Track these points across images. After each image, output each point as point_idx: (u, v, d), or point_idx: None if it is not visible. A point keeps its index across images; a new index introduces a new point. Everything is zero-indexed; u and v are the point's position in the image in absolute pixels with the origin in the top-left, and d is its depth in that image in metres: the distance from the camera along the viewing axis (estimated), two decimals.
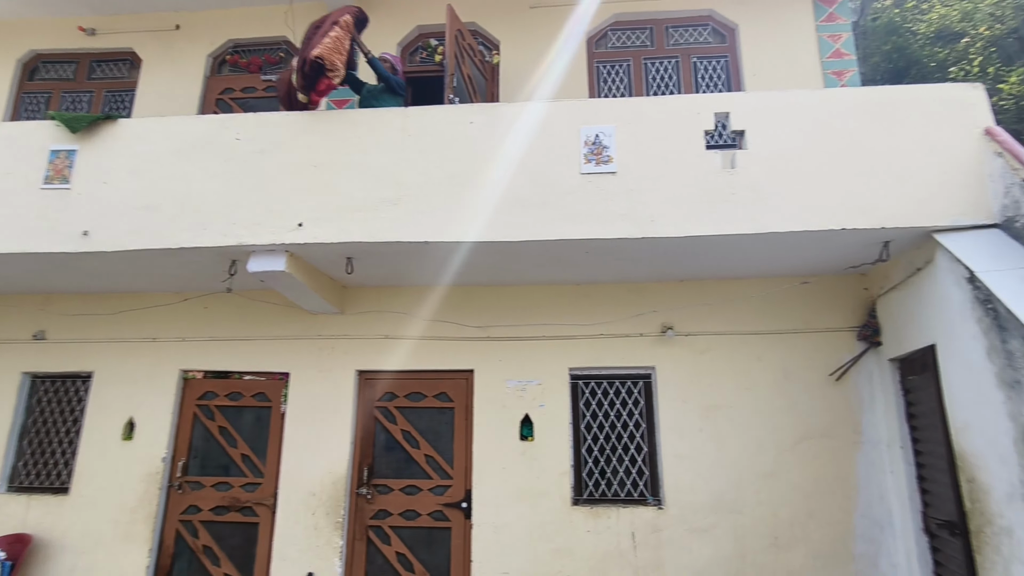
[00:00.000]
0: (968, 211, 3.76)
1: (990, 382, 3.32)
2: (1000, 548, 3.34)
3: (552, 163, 4.12)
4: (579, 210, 4.04)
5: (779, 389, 4.87)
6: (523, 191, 4.07)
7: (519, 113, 4.25)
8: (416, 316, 5.22)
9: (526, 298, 5.22)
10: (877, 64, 11.98)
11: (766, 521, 4.67)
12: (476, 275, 4.91)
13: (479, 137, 4.21)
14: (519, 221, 4.02)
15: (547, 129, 4.19)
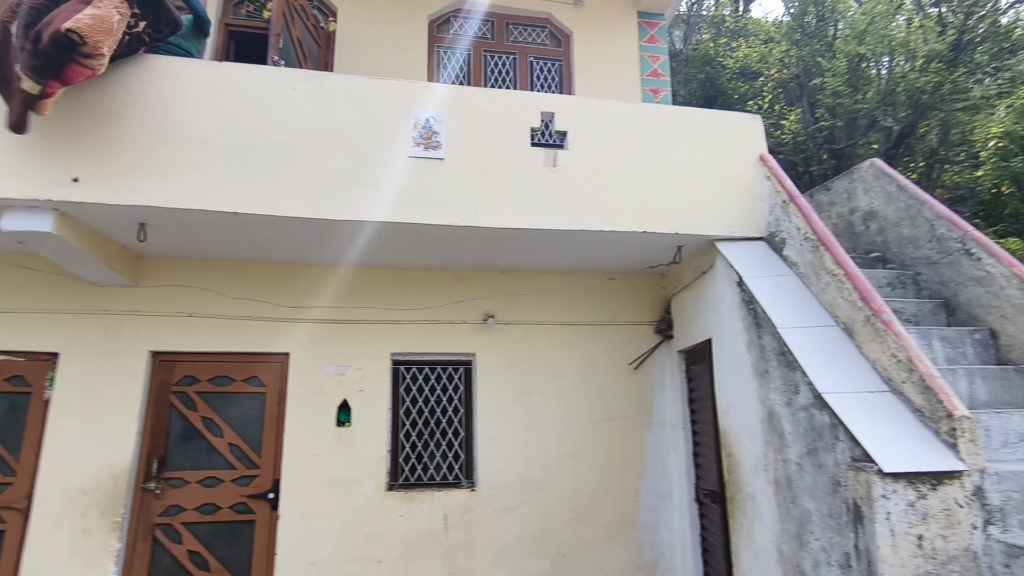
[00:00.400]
0: (742, 224, 4.37)
1: (748, 371, 3.91)
2: (746, 511, 3.95)
3: (380, 143, 4.00)
4: (405, 194, 3.97)
5: (586, 376, 5.28)
6: (347, 168, 3.90)
7: (349, 86, 4.06)
8: (225, 294, 4.78)
9: (349, 280, 5.04)
10: (694, 90, 13.48)
11: (568, 497, 5.04)
12: (294, 253, 4.63)
13: (302, 105, 3.95)
14: (341, 199, 3.85)
15: (377, 107, 4.06)
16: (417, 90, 4.20)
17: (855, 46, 9.51)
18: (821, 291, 3.69)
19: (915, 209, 4.46)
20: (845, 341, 3.41)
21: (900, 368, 3.00)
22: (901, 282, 4.37)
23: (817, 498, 3.12)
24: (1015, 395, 3.43)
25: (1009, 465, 2.81)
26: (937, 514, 2.57)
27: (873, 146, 11.13)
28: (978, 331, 3.80)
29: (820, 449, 3.11)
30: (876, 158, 5.01)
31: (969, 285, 3.99)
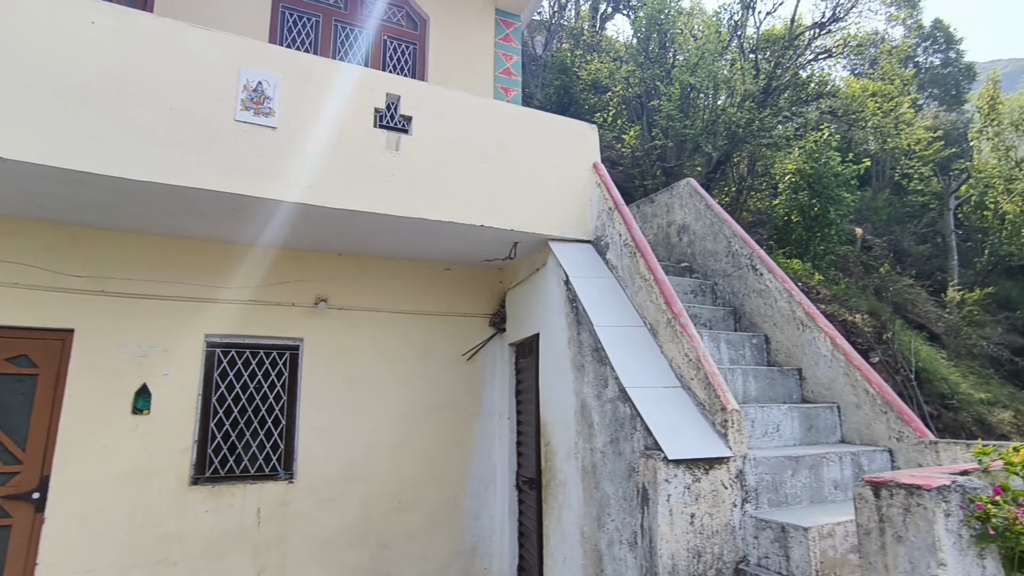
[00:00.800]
0: (574, 226, 4.63)
1: (567, 365, 4.15)
2: (558, 496, 4.21)
3: (200, 101, 3.60)
4: (228, 161, 3.62)
5: (419, 365, 5.26)
6: (157, 125, 3.45)
7: (166, 32, 3.59)
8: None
9: (156, 250, 4.49)
10: (550, 95, 14.05)
11: (392, 487, 4.99)
12: (88, 214, 4.01)
13: (105, 45, 3.41)
14: (146, 158, 3.39)
15: (201, 60, 3.64)
16: (250, 48, 3.84)
17: (688, 76, 10.56)
18: (635, 294, 4.03)
19: (717, 227, 5.07)
20: (650, 340, 3.77)
21: (690, 366, 3.38)
22: (702, 290, 4.94)
23: (615, 483, 3.40)
24: (777, 391, 4.04)
25: (765, 451, 3.31)
26: (707, 495, 2.94)
27: (697, 168, 12.47)
28: (755, 336, 4.42)
29: (621, 438, 3.40)
30: (692, 178, 5.60)
31: (752, 296, 4.63)
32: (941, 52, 30.31)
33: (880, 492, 1.82)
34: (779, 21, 14.73)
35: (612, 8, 16.01)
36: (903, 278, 16.33)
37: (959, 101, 28.34)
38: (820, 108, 13.38)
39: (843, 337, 3.88)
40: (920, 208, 19.53)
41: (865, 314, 12.31)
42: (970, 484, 1.72)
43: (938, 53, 30.31)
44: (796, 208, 12.17)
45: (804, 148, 12.03)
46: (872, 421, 3.60)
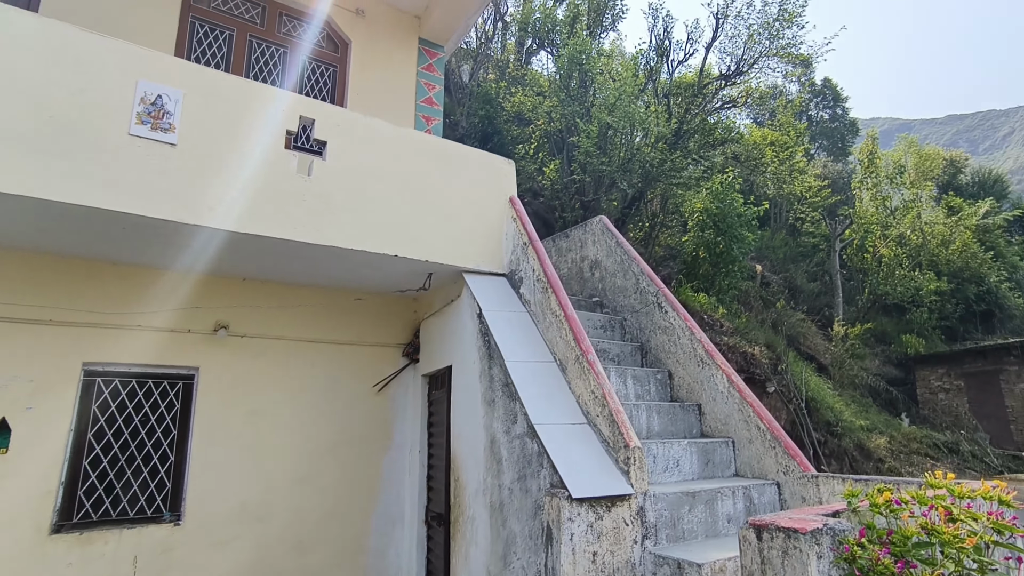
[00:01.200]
0: (488, 260, 4.65)
1: (478, 399, 4.12)
2: (466, 534, 4.12)
3: (89, 111, 3.33)
4: (117, 177, 3.35)
5: (326, 397, 5.05)
6: (37, 132, 3.15)
7: (50, 35, 3.32)
8: None
9: (33, 268, 4.07)
10: (475, 123, 14.22)
11: (293, 526, 4.71)
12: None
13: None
14: (21, 167, 3.09)
15: (92, 68, 3.38)
16: (149, 59, 3.61)
17: (606, 116, 11.03)
18: (546, 329, 4.09)
19: (627, 264, 5.27)
20: (559, 377, 3.82)
21: (596, 403, 3.45)
22: (612, 325, 5.09)
23: (522, 521, 3.38)
24: (679, 426, 4.20)
25: (665, 487, 3.41)
26: (609, 532, 2.98)
27: (614, 202, 12.98)
28: (660, 372, 4.60)
29: (528, 475, 3.39)
30: (603, 215, 5.81)
31: (658, 333, 4.83)
32: (830, 108, 33.56)
33: (762, 535, 1.91)
34: (690, 70, 15.78)
35: (537, 45, 16.53)
36: (797, 313, 17.66)
37: (844, 153, 31.41)
38: (725, 153, 14.37)
39: (743, 370, 4.12)
40: (811, 249, 21.28)
41: (763, 346, 13.15)
42: (839, 527, 1.85)
43: (827, 108, 33.54)
44: (703, 245, 12.90)
45: (711, 189, 12.83)
46: (763, 456, 3.82)
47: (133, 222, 3.52)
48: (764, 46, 13.05)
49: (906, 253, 19.88)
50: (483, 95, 14.38)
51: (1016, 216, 24.66)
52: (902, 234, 20.44)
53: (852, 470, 12.07)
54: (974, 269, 19.95)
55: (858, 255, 20.49)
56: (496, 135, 13.50)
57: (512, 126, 13.72)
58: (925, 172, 22.65)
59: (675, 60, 14.33)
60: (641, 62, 14.29)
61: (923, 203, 22.07)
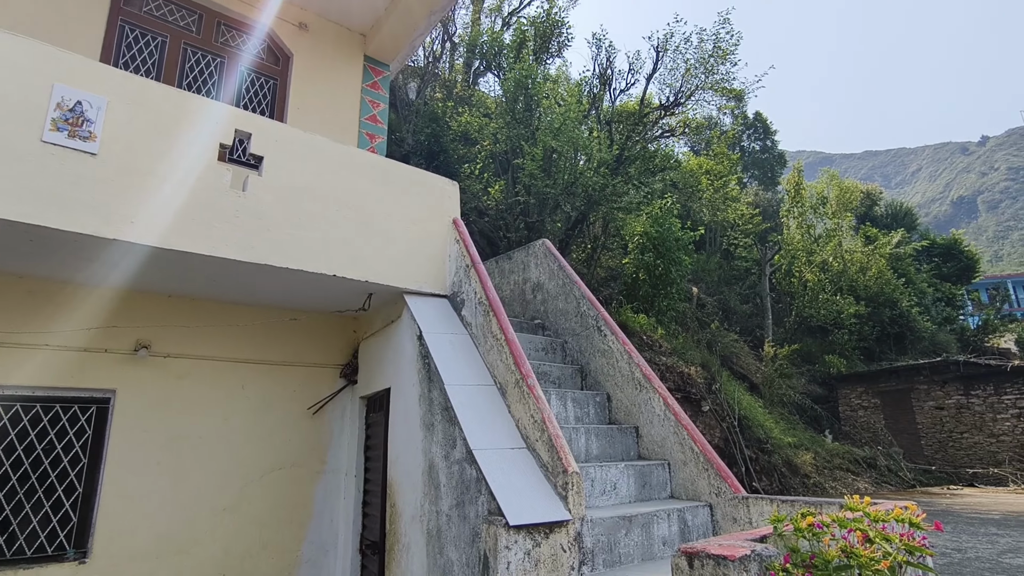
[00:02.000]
0: (430, 281, 4.60)
1: (417, 423, 4.04)
2: (400, 562, 4.00)
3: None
4: (27, 186, 3.12)
5: (258, 420, 4.82)
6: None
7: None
8: None
9: None
10: (421, 141, 14.18)
11: (216, 558, 4.44)
12: None
13: None
14: None
15: (1, 68, 3.16)
16: (68, 62, 3.41)
17: (551, 139, 11.25)
18: (487, 352, 4.07)
19: (568, 287, 5.34)
20: (499, 400, 3.79)
21: (536, 428, 3.45)
22: (553, 348, 5.13)
23: (460, 548, 3.31)
24: (616, 449, 4.26)
25: (603, 511, 3.43)
26: (546, 560, 2.96)
27: (558, 224, 13.20)
28: (599, 394, 4.66)
29: (466, 501, 3.33)
30: (546, 238, 5.89)
31: (597, 356, 4.90)
32: (760, 140, 35.50)
33: (693, 562, 1.94)
34: (632, 99, 16.35)
35: (484, 67, 16.72)
36: (730, 333, 18.38)
37: (774, 183, 33.22)
38: (664, 180, 14.91)
39: (680, 389, 4.23)
40: (744, 272, 22.29)
41: (699, 366, 13.58)
42: (766, 552, 1.90)
43: (758, 140, 35.46)
44: (643, 267, 13.28)
45: (650, 214, 13.26)
46: (696, 478, 3.91)
47: (43, 234, 3.28)
48: (700, 79, 13.71)
49: (828, 278, 21.12)
50: (430, 114, 14.38)
51: (924, 246, 26.72)
52: (825, 260, 21.73)
53: (781, 485, 12.56)
54: (888, 294, 21.40)
55: (786, 279, 21.62)
56: (442, 153, 13.49)
57: (458, 145, 13.76)
58: (845, 203, 24.24)
59: (617, 89, 14.82)
60: (585, 89, 14.69)
61: (843, 232, 23.58)
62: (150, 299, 4.48)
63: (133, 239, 3.40)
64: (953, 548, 6.33)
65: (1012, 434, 15.35)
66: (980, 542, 6.62)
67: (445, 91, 16.80)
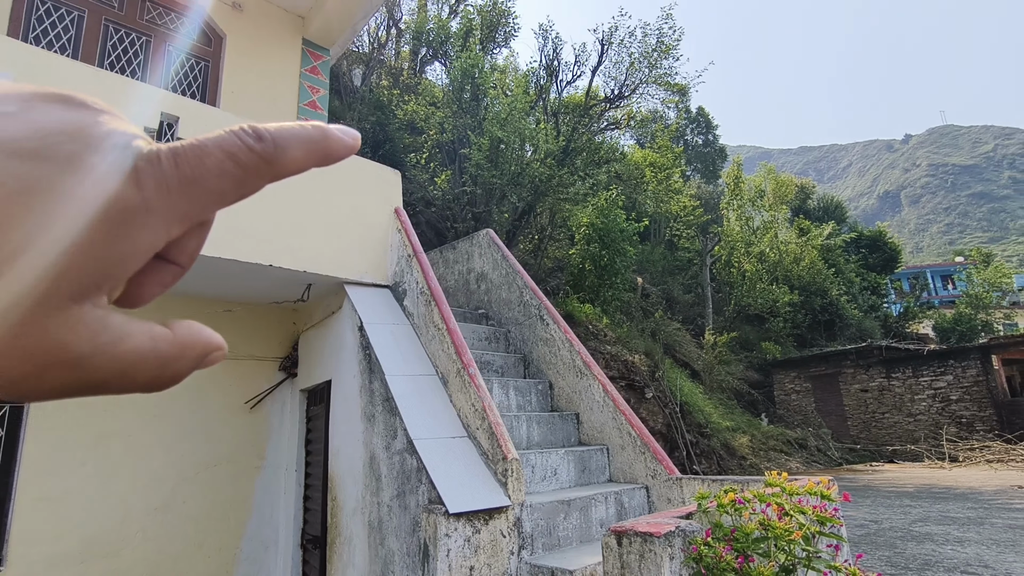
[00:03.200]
0: (372, 271, 4.54)
1: (358, 415, 3.99)
2: (342, 555, 3.97)
3: None
4: None
5: (192, 415, 4.66)
6: None
7: None
8: None
9: None
10: (366, 130, 13.87)
11: (148, 560, 4.28)
12: None
13: None
14: None
15: None
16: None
17: (498, 130, 11.23)
18: (428, 342, 4.06)
19: (512, 277, 5.38)
20: (441, 390, 3.80)
21: (477, 416, 3.48)
22: (496, 337, 5.16)
23: (400, 538, 3.31)
24: (558, 436, 4.34)
25: (543, 496, 3.50)
26: (486, 546, 3.00)
27: (505, 214, 13.22)
28: (541, 382, 4.73)
29: (407, 491, 3.33)
30: (490, 229, 5.89)
31: (540, 345, 4.97)
32: (703, 134, 36.52)
33: (622, 540, 2.02)
34: (578, 91, 16.50)
35: (431, 55, 16.50)
36: (673, 322, 18.95)
37: (715, 176, 34.29)
38: (609, 171, 15.15)
39: (624, 377, 4.34)
40: (686, 263, 22.97)
41: (643, 354, 13.95)
42: (689, 528, 2.00)
43: (701, 135, 36.47)
44: (589, 258, 13.48)
45: (596, 205, 13.47)
46: (633, 461, 4.04)
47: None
48: (644, 74, 13.97)
49: (765, 268, 22.04)
50: (375, 101, 14.09)
51: (852, 238, 28.23)
52: (762, 251, 22.65)
53: (720, 467, 13.10)
54: (820, 284, 22.54)
55: (726, 269, 22.41)
56: (388, 142, 13.26)
57: (404, 134, 13.56)
58: (781, 196, 25.32)
59: (564, 80, 14.92)
60: (532, 80, 14.73)
61: (779, 224, 24.63)
62: None
63: None
64: (871, 520, 6.79)
65: (928, 413, 16.52)
66: (895, 513, 7.12)
67: (391, 79, 16.49)
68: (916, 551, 5.07)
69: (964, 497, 8.29)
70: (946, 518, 6.62)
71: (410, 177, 12.31)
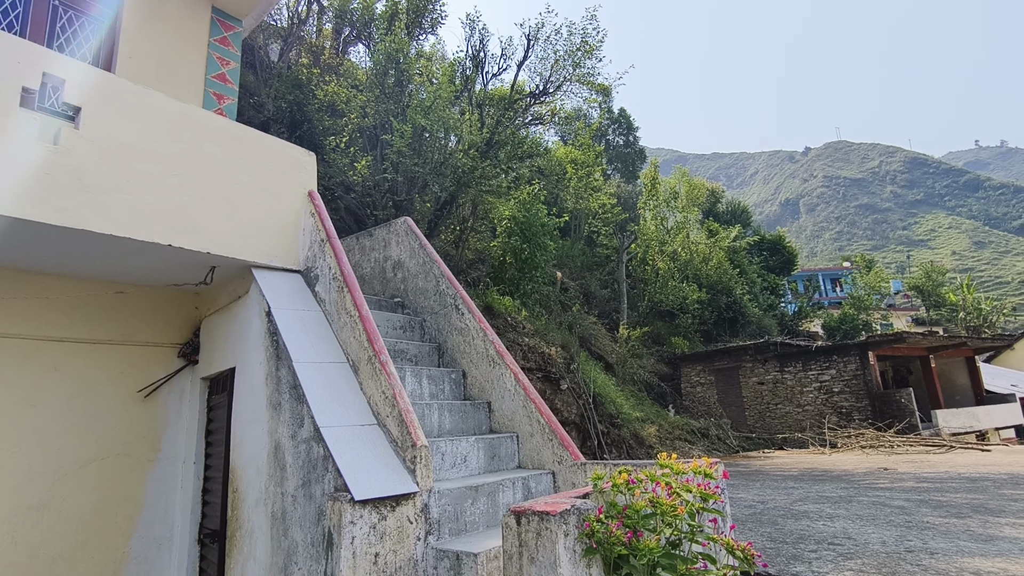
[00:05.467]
0: (282, 255, 4.38)
1: (263, 403, 3.85)
2: (243, 548, 3.83)
3: None
4: None
5: (76, 405, 4.31)
6: None
7: None
8: None
9: None
10: (283, 108, 13.27)
11: (20, 565, 3.93)
12: None
13: None
14: None
15: None
16: None
17: (421, 118, 11.09)
18: (340, 329, 3.98)
19: (429, 266, 5.36)
20: (351, 378, 3.74)
21: (387, 404, 3.46)
22: (411, 326, 5.13)
23: (305, 528, 3.24)
24: (469, 424, 4.39)
25: (451, 483, 3.54)
26: (392, 532, 3.00)
27: (427, 204, 13.09)
28: (455, 371, 4.76)
29: (313, 480, 3.27)
30: (408, 216, 5.83)
31: (454, 334, 4.99)
32: (624, 135, 37.70)
33: (520, 520, 2.09)
34: (504, 84, 16.58)
35: (355, 36, 15.99)
36: (590, 316, 19.53)
37: (634, 176, 35.54)
38: (532, 166, 15.35)
39: (541, 369, 4.45)
40: (604, 259, 23.71)
41: (559, 347, 14.30)
42: (584, 506, 2.10)
43: (622, 135, 37.63)
44: (510, 251, 13.63)
45: (518, 199, 13.62)
46: (542, 448, 4.16)
47: None
48: (568, 71, 14.24)
49: (677, 267, 23.17)
50: (293, 79, 13.49)
51: (755, 241, 30.20)
52: (675, 250, 23.78)
53: (629, 456, 13.69)
54: (725, 283, 23.96)
55: (641, 267, 23.36)
56: (306, 123, 12.75)
57: (324, 116, 13.07)
58: (694, 199, 26.65)
59: (489, 72, 14.93)
60: (458, 70, 14.63)
61: (691, 225, 25.94)
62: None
63: None
64: (758, 501, 7.36)
65: (814, 404, 18.04)
66: (779, 494, 7.76)
67: (311, 57, 15.83)
68: (793, 527, 5.56)
69: (839, 479, 9.16)
70: (822, 498, 7.30)
71: (329, 161, 11.90)
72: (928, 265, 48.57)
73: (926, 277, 45.34)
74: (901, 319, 43.23)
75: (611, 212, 22.89)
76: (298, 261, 4.48)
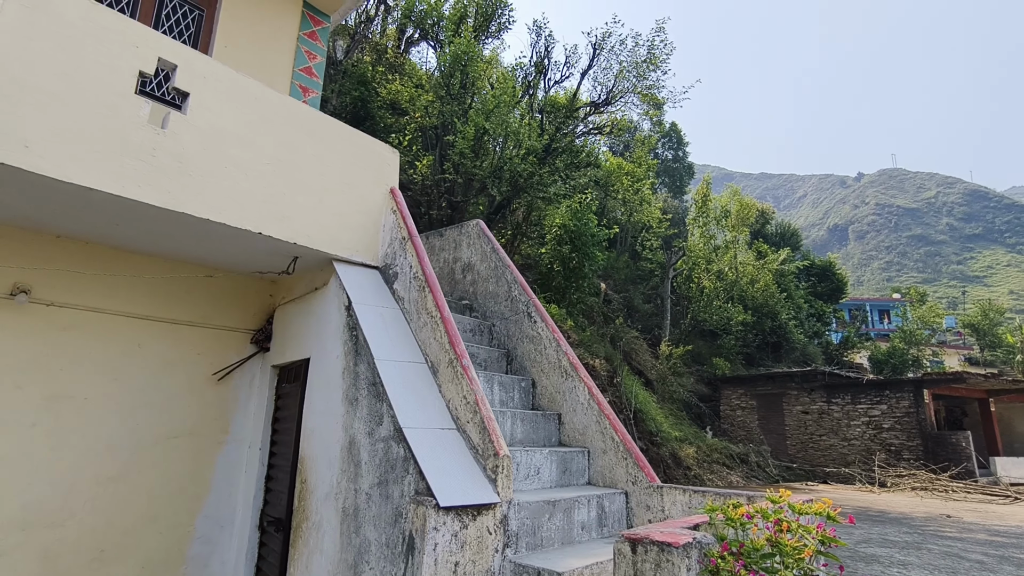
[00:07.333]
0: (363, 250, 4.39)
1: (339, 397, 3.85)
2: (309, 541, 3.82)
3: None
4: None
5: (155, 382, 4.40)
6: None
7: None
8: None
9: None
10: (346, 103, 13.50)
11: (96, 532, 4.01)
12: None
13: None
14: None
15: None
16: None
17: (483, 120, 11.11)
18: (419, 329, 3.95)
19: (501, 271, 5.31)
20: (430, 379, 3.70)
21: (468, 409, 3.40)
22: (480, 330, 5.08)
23: (379, 528, 3.21)
24: (540, 434, 4.31)
25: (527, 495, 3.46)
26: (472, 542, 2.93)
27: (480, 207, 13.11)
28: (524, 380, 4.68)
29: (391, 480, 3.23)
30: (480, 220, 5.80)
31: (525, 341, 4.92)
32: (674, 149, 37.21)
33: (636, 548, 1.99)
34: (564, 91, 16.52)
35: (419, 35, 16.18)
36: (632, 330, 19.24)
37: (682, 191, 35.03)
38: (587, 176, 15.23)
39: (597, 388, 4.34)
40: (649, 273, 23.38)
41: (603, 359, 14.11)
42: (705, 540, 1.99)
43: (671, 149, 37.15)
44: (559, 259, 13.52)
45: (571, 207, 13.51)
46: (614, 466, 4.05)
47: None
48: (631, 83, 14.09)
49: (723, 287, 22.66)
50: (358, 76, 13.71)
51: (804, 266, 29.37)
52: (721, 270, 23.28)
53: (666, 476, 13.39)
54: (771, 306, 23.34)
55: (686, 284, 22.92)
56: (369, 120, 12.93)
57: (386, 114, 13.25)
58: (743, 219, 26.08)
59: (552, 79, 14.90)
60: (520, 75, 14.64)
61: (740, 245, 25.37)
62: (34, 238, 3.93)
63: (25, 166, 2.95)
64: None
65: (861, 439, 17.34)
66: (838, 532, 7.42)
67: (375, 55, 16.09)
68: (867, 572, 5.28)
69: (898, 522, 8.73)
70: (886, 541, 6.95)
71: None
72: (985, 303, 46.33)
73: (983, 315, 43.28)
74: (953, 357, 41.37)
75: (660, 226, 22.57)
76: (377, 257, 4.49)
